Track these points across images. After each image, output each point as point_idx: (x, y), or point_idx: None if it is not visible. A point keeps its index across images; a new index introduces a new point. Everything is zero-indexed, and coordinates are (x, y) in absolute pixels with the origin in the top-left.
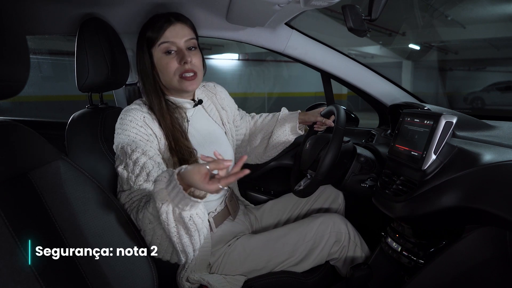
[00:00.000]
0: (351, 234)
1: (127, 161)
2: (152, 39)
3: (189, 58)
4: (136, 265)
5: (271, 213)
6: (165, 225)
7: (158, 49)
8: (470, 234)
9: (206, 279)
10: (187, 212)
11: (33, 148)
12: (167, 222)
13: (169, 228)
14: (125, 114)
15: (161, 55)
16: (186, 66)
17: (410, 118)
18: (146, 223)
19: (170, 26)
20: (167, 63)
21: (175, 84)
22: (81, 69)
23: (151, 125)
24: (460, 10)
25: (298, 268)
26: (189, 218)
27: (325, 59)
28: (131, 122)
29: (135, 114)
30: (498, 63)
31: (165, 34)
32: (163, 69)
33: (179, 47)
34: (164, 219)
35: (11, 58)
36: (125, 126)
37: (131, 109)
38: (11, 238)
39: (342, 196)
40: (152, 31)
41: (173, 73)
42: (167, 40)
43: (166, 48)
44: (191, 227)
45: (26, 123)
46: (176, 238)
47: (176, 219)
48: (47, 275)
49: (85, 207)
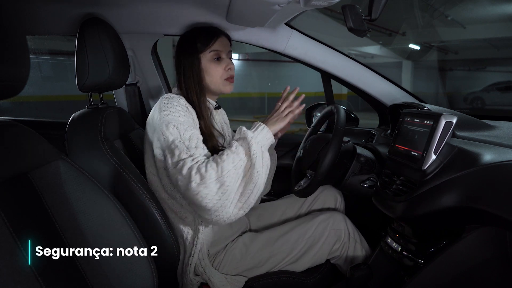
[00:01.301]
0: (350, 231)
1: (182, 137)
2: (203, 46)
3: (232, 65)
4: (136, 265)
5: (272, 213)
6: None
7: (209, 56)
8: (470, 234)
9: (208, 275)
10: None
11: (33, 148)
12: (256, 151)
13: (257, 157)
14: (170, 99)
15: (211, 61)
16: (230, 72)
17: (410, 118)
18: (230, 161)
19: (220, 37)
20: (215, 68)
21: (219, 86)
22: (81, 69)
23: (192, 113)
24: (460, 10)
25: (298, 266)
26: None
27: (325, 59)
28: (178, 106)
29: (180, 101)
30: (498, 63)
31: (215, 44)
32: (213, 72)
33: (223, 56)
34: (254, 149)
35: (11, 58)
36: (172, 109)
37: (174, 96)
38: (11, 238)
39: (342, 198)
40: (203, 38)
41: (219, 77)
42: (217, 49)
43: (215, 55)
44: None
45: (26, 123)
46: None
47: (259, 150)
48: (47, 275)
49: (85, 207)
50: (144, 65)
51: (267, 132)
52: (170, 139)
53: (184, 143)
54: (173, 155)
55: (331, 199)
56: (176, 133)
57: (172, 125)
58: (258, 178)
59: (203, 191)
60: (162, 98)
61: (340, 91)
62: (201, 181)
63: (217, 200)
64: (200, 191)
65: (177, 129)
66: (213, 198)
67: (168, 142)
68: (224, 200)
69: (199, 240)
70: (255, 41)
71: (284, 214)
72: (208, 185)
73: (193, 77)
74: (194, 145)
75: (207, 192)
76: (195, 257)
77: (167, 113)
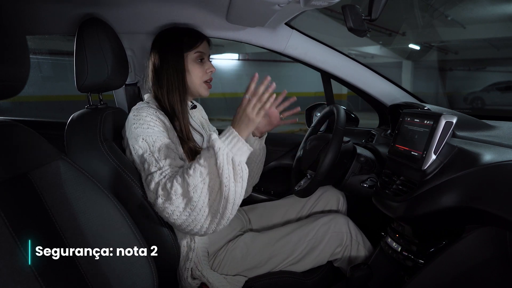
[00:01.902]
0: (353, 234)
1: (152, 149)
2: (189, 45)
3: (213, 69)
4: (136, 265)
5: (273, 213)
6: (220, 167)
7: (193, 56)
8: (470, 234)
9: (206, 277)
10: (238, 157)
11: (33, 148)
12: (222, 164)
13: (223, 171)
14: (139, 111)
15: (194, 61)
16: (210, 75)
17: (410, 118)
18: (197, 176)
19: (204, 40)
20: (197, 69)
21: (197, 87)
22: (80, 69)
23: (162, 119)
24: (460, 10)
25: (298, 267)
26: (238, 163)
27: (325, 59)
28: (146, 116)
29: (149, 110)
30: (498, 63)
31: (201, 45)
32: (195, 73)
33: (206, 59)
34: (220, 162)
35: (11, 58)
36: (141, 121)
37: (142, 107)
38: (11, 238)
39: (344, 198)
40: (189, 38)
41: (200, 77)
42: (202, 51)
43: (199, 56)
44: (239, 173)
45: (26, 123)
46: (226, 181)
47: (229, 162)
48: (47, 275)
49: (85, 207)
50: (144, 65)
51: (237, 141)
52: (140, 153)
53: (153, 155)
54: (144, 169)
55: (334, 200)
56: (145, 146)
57: (141, 139)
58: (229, 193)
59: (169, 208)
60: (132, 110)
61: (340, 91)
62: (167, 198)
63: (186, 216)
64: (166, 208)
65: (146, 142)
66: (182, 214)
67: (139, 155)
68: (195, 215)
69: (195, 244)
70: (255, 41)
71: (286, 214)
72: (174, 201)
73: (177, 75)
74: (163, 156)
75: (173, 208)
76: (192, 261)
77: (136, 126)
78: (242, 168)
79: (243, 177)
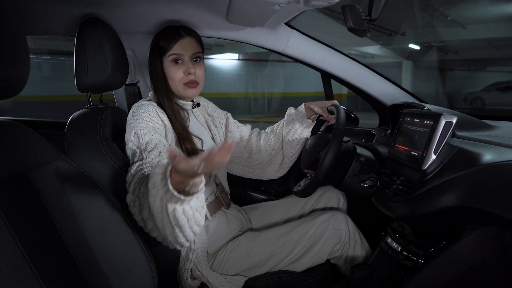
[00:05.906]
0: (351, 231)
1: (140, 141)
2: (163, 49)
3: (193, 70)
4: (136, 265)
5: (274, 213)
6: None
7: (168, 59)
8: (470, 234)
9: (206, 277)
10: (171, 205)
11: (33, 148)
12: (153, 206)
13: (154, 212)
14: (138, 108)
15: (170, 64)
16: (190, 77)
17: (410, 118)
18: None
19: (180, 39)
20: (174, 72)
21: (179, 90)
22: (80, 69)
23: (162, 117)
24: (460, 10)
25: (298, 266)
26: (172, 211)
27: (325, 59)
28: (144, 113)
29: (148, 107)
30: (498, 63)
31: (175, 47)
32: (171, 76)
33: (185, 59)
34: (151, 202)
35: (11, 58)
36: (138, 117)
37: (142, 104)
38: (11, 238)
39: (345, 198)
40: (164, 41)
41: (178, 81)
42: (176, 53)
43: (174, 58)
44: (172, 220)
45: (26, 123)
46: (160, 224)
47: (162, 206)
48: (47, 275)
49: (85, 207)
50: (144, 65)
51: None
52: (129, 145)
53: (140, 147)
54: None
55: (334, 200)
56: (135, 140)
57: (133, 132)
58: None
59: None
60: (132, 107)
61: (340, 91)
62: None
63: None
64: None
65: (137, 136)
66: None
67: (129, 148)
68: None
69: (195, 245)
70: (255, 41)
71: (286, 214)
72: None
73: (158, 79)
74: (150, 148)
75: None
76: (192, 262)
77: (131, 121)
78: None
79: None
